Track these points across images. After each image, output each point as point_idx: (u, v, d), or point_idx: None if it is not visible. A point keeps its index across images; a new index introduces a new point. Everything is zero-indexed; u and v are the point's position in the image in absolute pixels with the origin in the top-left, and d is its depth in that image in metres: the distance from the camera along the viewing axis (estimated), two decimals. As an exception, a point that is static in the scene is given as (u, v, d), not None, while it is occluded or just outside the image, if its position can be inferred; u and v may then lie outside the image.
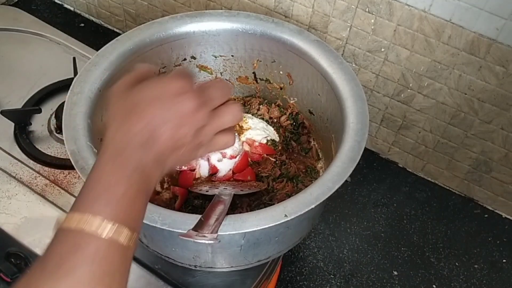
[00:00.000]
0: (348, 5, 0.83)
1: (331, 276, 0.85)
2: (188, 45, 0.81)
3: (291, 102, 0.86)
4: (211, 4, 1.00)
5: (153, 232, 0.64)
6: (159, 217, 0.56)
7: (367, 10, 0.82)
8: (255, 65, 0.85)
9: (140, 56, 0.76)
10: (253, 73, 0.86)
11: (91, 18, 1.24)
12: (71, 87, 0.69)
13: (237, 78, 0.88)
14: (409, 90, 0.88)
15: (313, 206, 0.58)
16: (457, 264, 0.88)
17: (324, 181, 0.61)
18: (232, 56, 0.84)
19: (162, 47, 0.78)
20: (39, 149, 0.87)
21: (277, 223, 0.56)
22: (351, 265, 0.87)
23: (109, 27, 1.22)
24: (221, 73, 0.87)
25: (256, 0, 0.93)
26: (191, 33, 0.79)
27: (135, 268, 0.73)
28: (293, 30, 0.78)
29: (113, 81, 0.72)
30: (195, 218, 0.57)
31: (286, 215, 0.57)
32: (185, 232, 0.55)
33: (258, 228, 0.56)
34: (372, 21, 0.82)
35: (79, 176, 0.84)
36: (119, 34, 0.77)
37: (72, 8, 1.26)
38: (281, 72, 0.84)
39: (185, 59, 0.83)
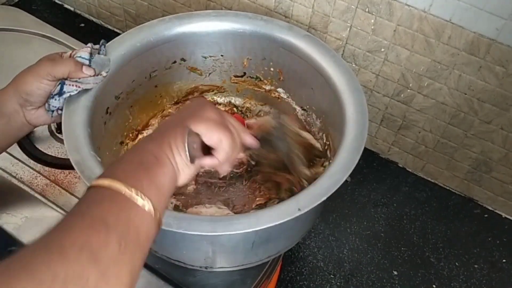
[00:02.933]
0: (348, 5, 0.83)
1: (331, 276, 0.86)
2: (178, 47, 0.81)
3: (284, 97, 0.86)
4: (211, 4, 1.00)
5: (163, 236, 0.64)
6: (174, 221, 0.56)
7: (367, 10, 0.82)
8: (245, 63, 0.85)
9: (132, 61, 0.76)
10: (244, 72, 0.87)
11: (91, 18, 1.24)
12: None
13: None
14: (409, 90, 0.88)
15: (325, 197, 0.58)
16: (457, 264, 0.88)
17: (332, 172, 0.61)
18: (222, 55, 0.84)
19: (152, 51, 0.78)
20: (40, 149, 0.87)
21: (291, 217, 0.57)
22: (351, 265, 0.87)
23: (109, 27, 1.22)
24: (209, 73, 0.87)
25: (256, 1, 0.93)
26: (180, 35, 0.79)
27: (135, 268, 0.73)
28: (283, 27, 0.79)
29: (108, 88, 0.72)
30: (209, 220, 0.57)
31: (299, 209, 0.57)
32: None
33: (274, 224, 0.56)
34: (372, 21, 0.83)
35: (79, 176, 0.84)
36: (119, 35, 0.77)
37: (72, 8, 1.26)
38: (272, 69, 0.84)
39: (175, 62, 0.83)
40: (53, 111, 0.67)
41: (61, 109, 0.67)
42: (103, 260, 0.38)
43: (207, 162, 0.56)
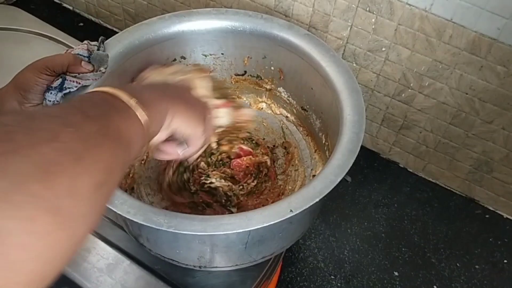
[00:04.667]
0: (349, 4, 0.83)
1: (332, 277, 0.85)
2: (178, 45, 0.81)
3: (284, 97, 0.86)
4: (211, 3, 0.99)
5: (157, 235, 0.64)
6: (165, 220, 0.56)
7: (367, 9, 0.81)
8: (245, 62, 0.85)
9: (130, 59, 0.75)
10: (244, 71, 0.86)
11: (90, 17, 1.24)
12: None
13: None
14: (410, 90, 0.87)
15: (317, 199, 0.58)
16: (458, 264, 0.88)
17: (326, 174, 0.61)
18: (222, 54, 0.84)
19: (151, 49, 0.78)
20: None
21: (282, 218, 0.56)
22: (352, 266, 0.86)
23: (109, 26, 1.22)
24: (210, 72, 0.87)
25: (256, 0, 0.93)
26: (180, 33, 0.79)
27: (134, 269, 0.73)
28: (283, 25, 0.78)
29: (106, 86, 0.72)
30: (200, 220, 0.57)
31: (291, 210, 0.57)
32: None
33: (265, 225, 0.56)
34: (373, 20, 0.82)
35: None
36: (118, 34, 0.77)
37: (71, 8, 1.25)
38: (272, 68, 0.84)
39: (175, 59, 0.83)
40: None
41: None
42: (78, 129, 0.35)
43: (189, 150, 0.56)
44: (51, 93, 0.66)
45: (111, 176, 0.37)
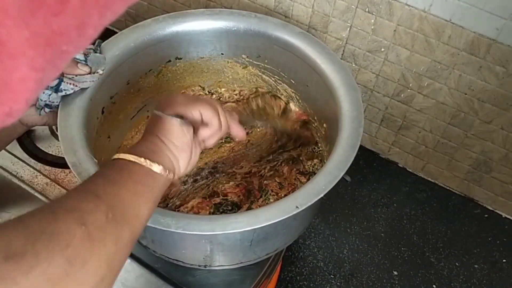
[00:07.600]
0: (348, 5, 0.83)
1: (331, 276, 0.85)
2: (173, 46, 0.81)
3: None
4: (211, 4, 1.00)
5: (162, 236, 0.64)
6: (173, 221, 0.56)
7: (367, 10, 0.82)
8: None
9: (126, 61, 0.76)
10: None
11: (92, 18, 1.24)
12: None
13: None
14: (409, 90, 0.88)
15: (322, 195, 0.59)
16: (457, 264, 0.88)
17: (329, 169, 0.61)
18: (222, 54, 0.84)
19: (147, 50, 0.78)
20: (40, 148, 0.87)
21: (289, 215, 0.57)
22: (351, 265, 0.87)
23: (109, 27, 1.22)
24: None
25: (256, 0, 0.93)
26: (174, 34, 0.79)
27: (135, 267, 0.74)
28: (277, 24, 0.79)
29: (103, 89, 0.72)
30: (208, 219, 0.57)
31: (297, 207, 0.57)
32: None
33: (272, 222, 0.56)
34: (372, 21, 0.83)
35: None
36: (119, 34, 0.77)
37: (72, 8, 1.26)
38: (267, 67, 0.84)
39: (169, 61, 0.83)
40: (41, 108, 0.67)
41: (48, 107, 0.67)
42: (89, 224, 0.40)
43: (203, 132, 0.59)
44: (44, 92, 0.66)
45: (113, 267, 0.42)
